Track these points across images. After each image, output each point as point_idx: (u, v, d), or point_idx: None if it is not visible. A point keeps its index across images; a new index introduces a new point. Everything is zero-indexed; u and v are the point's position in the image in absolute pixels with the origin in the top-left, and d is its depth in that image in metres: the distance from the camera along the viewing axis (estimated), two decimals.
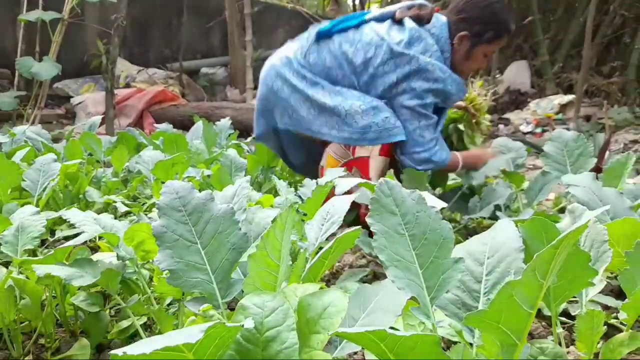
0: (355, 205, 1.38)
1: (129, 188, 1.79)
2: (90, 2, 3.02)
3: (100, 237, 1.34)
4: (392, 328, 0.55)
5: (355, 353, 0.97)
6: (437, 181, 2.00)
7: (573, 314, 1.10)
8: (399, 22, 1.77)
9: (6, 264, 1.27)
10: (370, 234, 1.05)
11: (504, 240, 0.81)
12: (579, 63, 5.46)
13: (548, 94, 5.49)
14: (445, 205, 1.22)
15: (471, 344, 0.71)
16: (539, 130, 4.74)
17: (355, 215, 1.79)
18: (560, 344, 0.90)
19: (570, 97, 5.02)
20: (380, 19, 1.81)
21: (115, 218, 1.80)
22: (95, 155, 2.08)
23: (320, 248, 0.90)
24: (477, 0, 1.74)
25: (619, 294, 1.16)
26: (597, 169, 1.86)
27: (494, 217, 1.71)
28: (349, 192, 1.35)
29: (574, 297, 0.88)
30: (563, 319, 1.09)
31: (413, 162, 1.79)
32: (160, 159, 1.80)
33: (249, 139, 2.60)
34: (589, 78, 5.37)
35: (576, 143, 1.69)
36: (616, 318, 1.07)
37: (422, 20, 1.75)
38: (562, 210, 1.83)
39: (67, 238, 1.57)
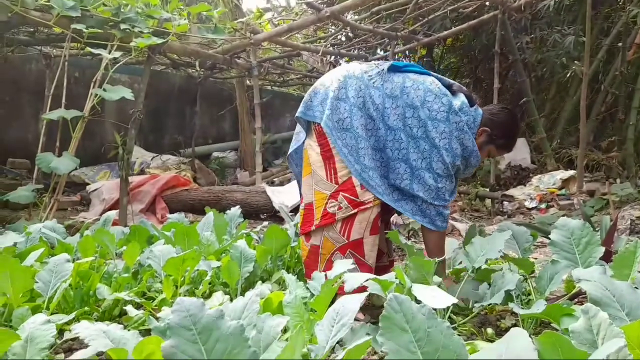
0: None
1: (139, 285, 1.79)
2: (112, 100, 3.21)
3: None
4: None
5: None
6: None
7: None
8: (453, 93, 1.98)
9: None
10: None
11: (518, 353, 0.79)
12: (576, 138, 5.61)
13: (549, 169, 5.56)
14: (455, 301, 1.21)
15: None
16: (543, 206, 4.74)
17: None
18: None
19: (571, 172, 5.07)
20: (439, 79, 2.02)
21: (121, 316, 1.80)
22: (107, 249, 2.10)
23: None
24: (510, 115, 2.05)
25: None
26: (608, 255, 1.84)
27: (506, 304, 1.68)
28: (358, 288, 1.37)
29: None
30: None
31: (435, 213, 1.93)
32: (171, 255, 1.82)
33: (258, 228, 2.63)
34: (589, 153, 5.46)
35: (582, 232, 1.69)
36: None
37: (471, 100, 2.00)
38: (575, 297, 1.80)
39: (74, 339, 1.56)
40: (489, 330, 1.65)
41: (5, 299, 1.41)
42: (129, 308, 1.41)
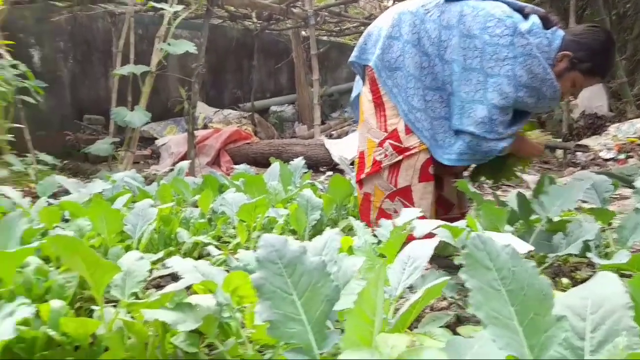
0: None
1: (215, 230, 1.90)
2: (176, 53, 3.30)
3: None
4: None
5: None
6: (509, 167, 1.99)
7: None
8: (525, 16, 1.78)
9: (113, 305, 1.39)
10: None
11: (607, 295, 0.77)
12: None
13: (629, 117, 5.12)
14: (531, 248, 1.18)
15: None
16: (622, 156, 4.40)
17: None
18: None
19: None
20: (508, 3, 1.82)
21: (200, 258, 1.93)
22: (183, 197, 2.23)
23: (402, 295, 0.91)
24: (598, 33, 1.78)
25: None
26: None
27: (582, 255, 1.62)
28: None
29: None
30: None
31: (487, 150, 1.81)
32: (243, 202, 1.90)
33: (322, 178, 2.67)
34: None
35: None
36: None
37: (548, 22, 1.77)
38: None
39: (161, 277, 1.70)
40: (564, 281, 1.61)
41: (101, 239, 1.56)
42: (211, 248, 1.51)
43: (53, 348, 1.15)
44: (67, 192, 2.51)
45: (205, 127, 5.89)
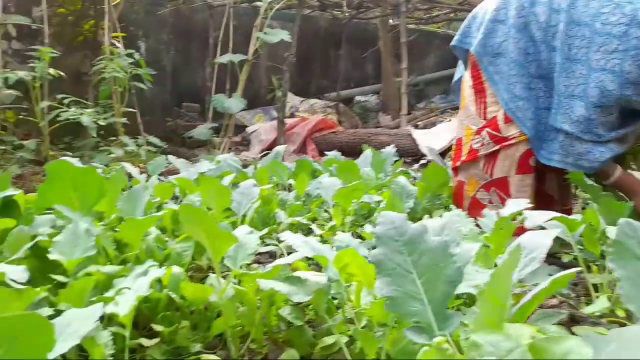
0: None
1: (312, 212, 1.95)
2: (272, 42, 3.41)
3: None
4: None
5: None
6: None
7: None
8: None
9: (222, 276, 1.48)
10: None
11: None
12: None
13: None
14: None
15: None
16: None
17: None
18: None
19: None
20: None
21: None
22: (278, 180, 2.31)
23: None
24: None
25: None
26: None
27: None
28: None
29: None
30: None
31: (581, 151, 1.63)
32: (337, 186, 1.92)
33: (415, 166, 2.63)
34: None
35: None
36: None
37: None
38: None
39: (261, 254, 1.77)
40: None
41: (211, 214, 1.65)
42: (314, 227, 1.54)
43: (172, 310, 1.24)
44: (170, 173, 2.72)
45: (292, 115, 6.03)
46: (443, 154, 4.06)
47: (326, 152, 3.05)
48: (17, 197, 1.47)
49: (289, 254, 1.49)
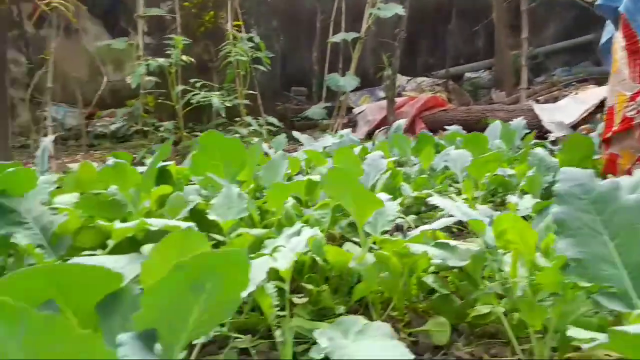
0: None
1: (442, 185, 1.87)
2: (385, 17, 3.35)
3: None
4: None
5: None
6: None
7: None
8: None
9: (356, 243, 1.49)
10: None
11: None
12: None
13: None
14: None
15: None
16: None
17: None
18: None
19: None
20: None
21: (419, 213, 1.93)
22: (401, 154, 2.26)
23: None
24: None
25: None
26: None
27: None
28: None
29: None
30: None
31: None
32: (470, 158, 1.82)
33: (551, 137, 2.41)
34: None
35: None
36: None
37: None
38: None
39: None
40: None
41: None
42: (453, 197, 1.48)
43: (315, 272, 1.27)
44: (288, 152, 2.81)
45: (399, 95, 5.91)
46: (574, 128, 3.68)
47: (446, 127, 2.92)
48: (170, 167, 1.61)
49: (416, 226, 1.45)
